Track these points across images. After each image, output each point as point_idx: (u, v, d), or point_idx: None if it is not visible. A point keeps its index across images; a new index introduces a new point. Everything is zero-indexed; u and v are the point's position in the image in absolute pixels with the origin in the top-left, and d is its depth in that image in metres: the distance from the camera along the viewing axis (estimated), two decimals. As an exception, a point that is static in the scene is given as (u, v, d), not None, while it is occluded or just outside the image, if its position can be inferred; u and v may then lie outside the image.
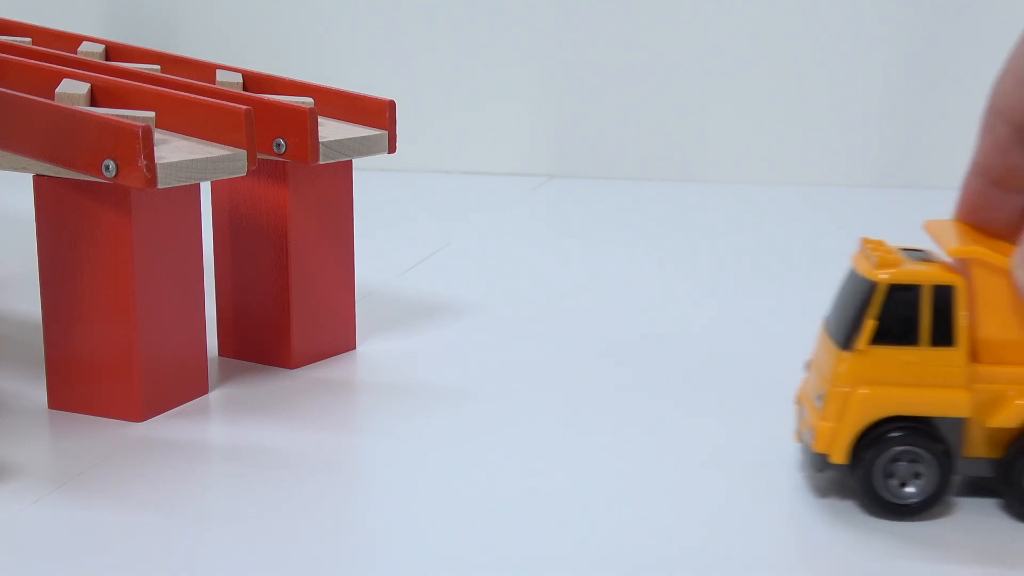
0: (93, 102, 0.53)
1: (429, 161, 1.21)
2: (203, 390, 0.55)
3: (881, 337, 0.43)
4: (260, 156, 0.56)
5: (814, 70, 1.13)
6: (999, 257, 0.43)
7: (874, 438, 0.43)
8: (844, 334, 0.43)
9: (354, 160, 0.59)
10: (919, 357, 0.43)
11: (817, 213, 1.00)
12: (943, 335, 0.42)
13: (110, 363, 0.52)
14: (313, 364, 0.60)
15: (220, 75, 0.62)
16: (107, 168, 0.48)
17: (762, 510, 0.44)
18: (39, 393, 0.55)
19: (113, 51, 0.66)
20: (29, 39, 0.67)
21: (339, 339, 0.62)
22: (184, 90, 0.55)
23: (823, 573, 0.40)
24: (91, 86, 0.53)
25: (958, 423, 0.43)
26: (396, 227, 0.94)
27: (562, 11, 1.18)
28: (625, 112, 1.17)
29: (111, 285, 0.51)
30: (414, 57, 1.21)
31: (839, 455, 0.43)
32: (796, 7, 1.12)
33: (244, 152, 0.51)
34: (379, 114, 0.60)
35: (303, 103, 0.57)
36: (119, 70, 0.58)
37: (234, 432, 0.52)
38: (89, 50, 0.65)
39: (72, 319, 0.52)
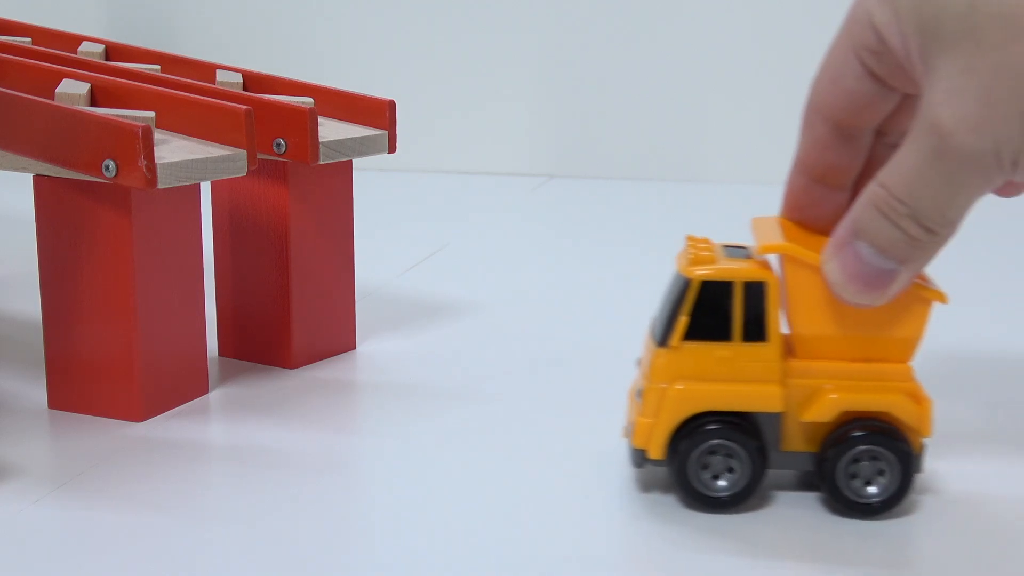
0: (93, 102, 0.53)
1: (429, 161, 1.21)
2: (203, 390, 0.55)
3: (696, 333, 0.43)
4: (260, 156, 0.56)
5: (814, 70, 1.13)
6: (809, 253, 0.43)
7: (689, 431, 0.43)
8: (661, 330, 0.44)
9: (354, 160, 0.59)
10: (732, 353, 0.43)
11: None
12: (755, 331, 0.43)
13: (110, 363, 0.52)
14: (313, 364, 0.60)
15: (220, 75, 0.62)
16: (107, 168, 0.48)
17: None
18: (39, 393, 0.55)
19: (113, 51, 0.66)
20: (29, 39, 0.67)
21: (339, 339, 0.62)
22: (184, 90, 0.55)
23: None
24: (91, 86, 0.53)
25: (774, 418, 0.43)
26: (396, 227, 0.94)
27: (562, 11, 1.18)
28: (625, 112, 1.17)
29: (111, 285, 0.51)
30: (414, 57, 1.21)
31: (656, 450, 0.43)
32: (796, 7, 1.12)
33: (244, 152, 0.51)
34: (379, 114, 0.60)
35: (303, 103, 0.57)
36: (119, 70, 0.58)
37: (234, 432, 0.52)
38: (89, 50, 0.65)
39: (72, 319, 0.52)
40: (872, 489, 0.43)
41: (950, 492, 0.46)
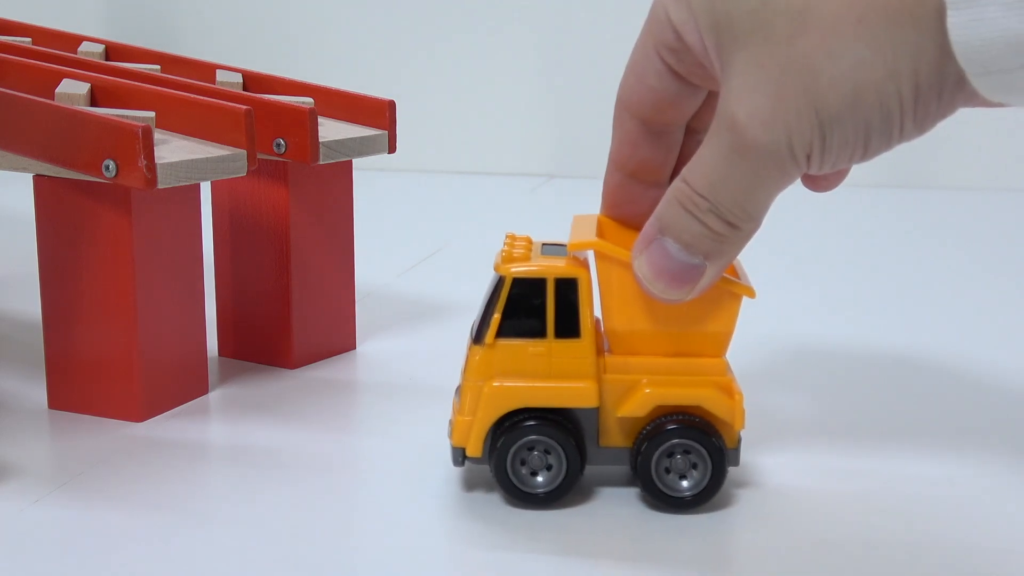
0: (93, 102, 0.53)
1: (429, 161, 1.21)
2: (203, 390, 0.55)
3: (510, 330, 0.43)
4: (260, 156, 0.56)
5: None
6: (619, 249, 0.43)
7: (507, 428, 0.43)
8: (478, 328, 0.44)
9: (354, 160, 0.59)
10: (546, 349, 0.43)
11: (816, 213, 1.00)
12: (568, 327, 0.43)
13: (110, 363, 0.52)
14: (313, 364, 0.60)
15: (220, 75, 0.62)
16: (107, 168, 0.48)
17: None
18: (39, 393, 0.55)
19: (113, 51, 0.66)
20: (29, 39, 0.67)
21: (339, 339, 0.62)
22: (184, 90, 0.55)
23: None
24: (91, 86, 0.53)
25: (591, 413, 0.43)
26: (396, 227, 0.94)
27: (562, 11, 1.18)
28: (625, 112, 1.17)
29: (111, 285, 0.51)
30: (414, 57, 1.21)
31: (474, 448, 0.44)
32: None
33: (244, 152, 0.51)
34: (379, 114, 0.60)
35: (303, 103, 0.57)
36: (119, 70, 0.58)
37: (234, 432, 0.52)
38: (89, 50, 0.65)
39: (72, 319, 0.52)
40: (684, 483, 0.43)
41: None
